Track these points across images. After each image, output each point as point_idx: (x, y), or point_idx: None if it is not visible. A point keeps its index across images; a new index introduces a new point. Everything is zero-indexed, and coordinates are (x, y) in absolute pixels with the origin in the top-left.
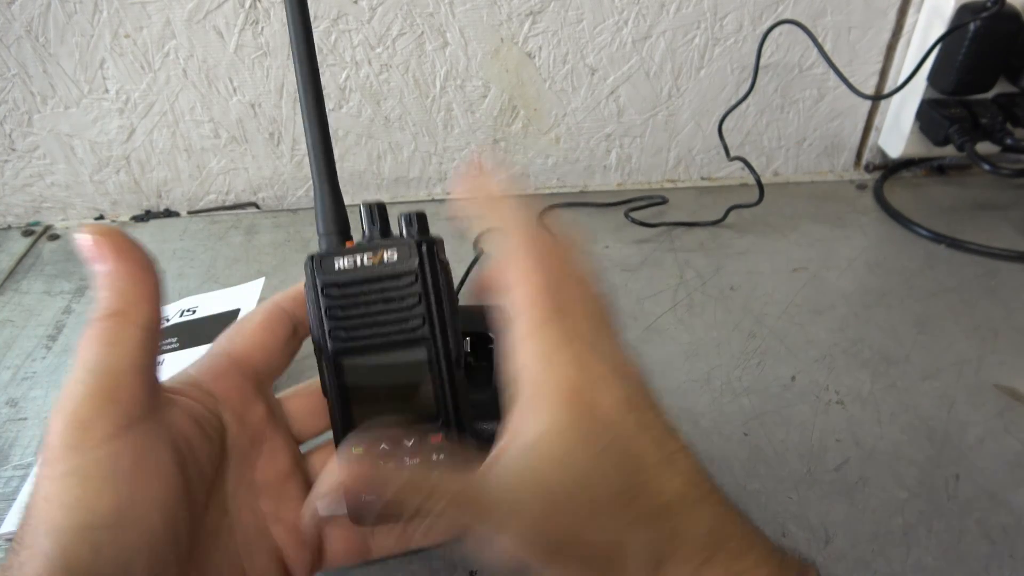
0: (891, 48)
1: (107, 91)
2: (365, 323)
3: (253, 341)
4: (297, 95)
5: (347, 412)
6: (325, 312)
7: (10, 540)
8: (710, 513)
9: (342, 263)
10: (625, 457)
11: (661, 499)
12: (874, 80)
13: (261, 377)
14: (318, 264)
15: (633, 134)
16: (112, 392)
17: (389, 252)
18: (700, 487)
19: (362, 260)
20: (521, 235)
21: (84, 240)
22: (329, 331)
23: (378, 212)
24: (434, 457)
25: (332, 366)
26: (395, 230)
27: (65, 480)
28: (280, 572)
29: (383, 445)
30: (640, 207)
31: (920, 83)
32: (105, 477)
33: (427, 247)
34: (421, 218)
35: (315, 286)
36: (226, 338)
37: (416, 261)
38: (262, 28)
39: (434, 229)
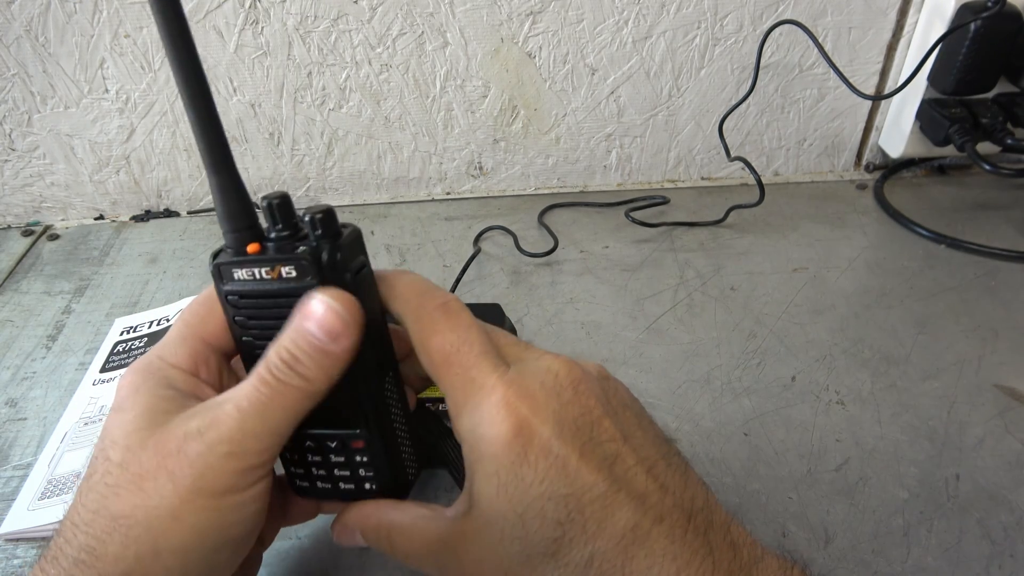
0: (891, 48)
1: (107, 91)
2: (269, 334)
3: (224, 323)
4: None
5: None
6: (231, 319)
7: (10, 540)
8: (661, 545)
9: (240, 273)
10: (560, 503)
11: (597, 543)
12: (874, 80)
13: (230, 356)
14: (217, 271)
15: (633, 134)
16: (273, 450)
17: (287, 268)
18: (655, 510)
19: (259, 273)
20: (411, 330)
21: (329, 313)
22: (237, 337)
23: (279, 211)
24: (357, 459)
25: (247, 368)
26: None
27: (211, 511)
28: None
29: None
30: (640, 207)
31: (920, 83)
32: (243, 512)
33: (329, 259)
34: (327, 219)
35: (219, 291)
36: (196, 318)
37: (316, 280)
38: (262, 28)
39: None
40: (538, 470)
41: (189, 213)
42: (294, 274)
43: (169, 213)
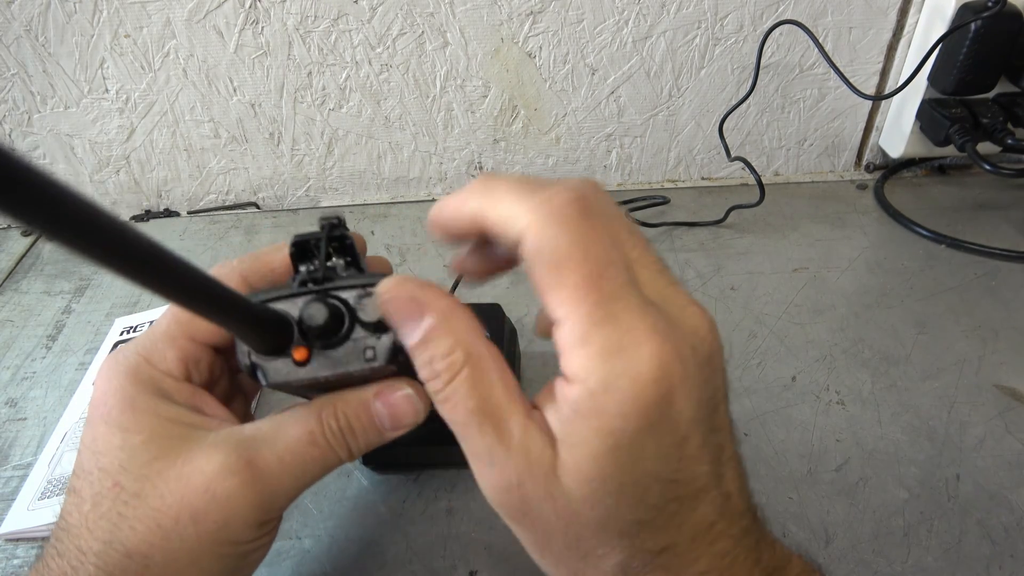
0: (892, 48)
1: (107, 91)
2: (332, 388)
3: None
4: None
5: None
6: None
7: (10, 540)
8: (726, 546)
9: (300, 375)
10: (664, 487)
11: (676, 535)
12: (875, 80)
13: (222, 347)
14: (272, 387)
15: (633, 134)
16: (293, 500)
17: (358, 369)
18: (734, 510)
19: (326, 376)
20: (535, 230)
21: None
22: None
23: (329, 320)
24: None
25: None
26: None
27: (230, 558)
28: None
29: None
30: (641, 207)
31: (921, 83)
32: (257, 555)
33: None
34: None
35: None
36: (188, 314)
37: (392, 367)
38: (262, 28)
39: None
40: (661, 446)
41: (189, 213)
42: (368, 371)
43: (169, 213)
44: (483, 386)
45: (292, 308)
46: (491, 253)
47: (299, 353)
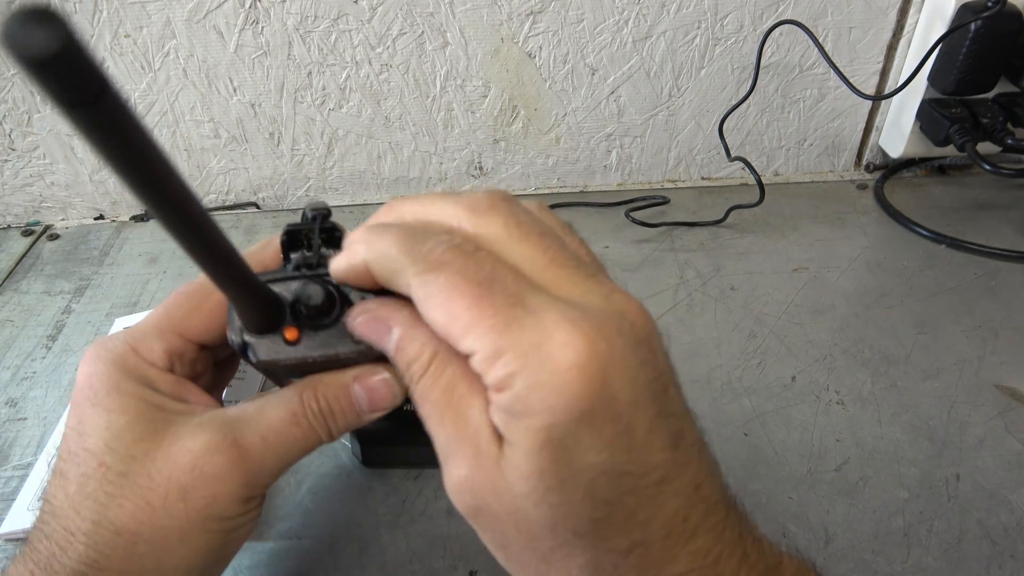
0: (892, 48)
1: None
2: (316, 370)
3: (209, 320)
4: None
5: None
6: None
7: (10, 540)
8: (706, 544)
9: (290, 354)
10: (614, 481)
11: (643, 533)
12: (875, 80)
13: (214, 349)
14: (261, 365)
15: (633, 134)
16: (277, 479)
17: (345, 351)
18: (705, 502)
19: (314, 357)
20: (416, 285)
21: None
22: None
23: (325, 301)
24: None
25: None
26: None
27: (216, 533)
28: None
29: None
30: (641, 207)
31: (921, 83)
32: (242, 531)
33: None
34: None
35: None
36: (181, 311)
37: (378, 353)
38: (262, 28)
39: None
40: (602, 436)
41: None
42: (354, 354)
43: None
44: (445, 380)
45: (285, 291)
46: None
47: (291, 333)
